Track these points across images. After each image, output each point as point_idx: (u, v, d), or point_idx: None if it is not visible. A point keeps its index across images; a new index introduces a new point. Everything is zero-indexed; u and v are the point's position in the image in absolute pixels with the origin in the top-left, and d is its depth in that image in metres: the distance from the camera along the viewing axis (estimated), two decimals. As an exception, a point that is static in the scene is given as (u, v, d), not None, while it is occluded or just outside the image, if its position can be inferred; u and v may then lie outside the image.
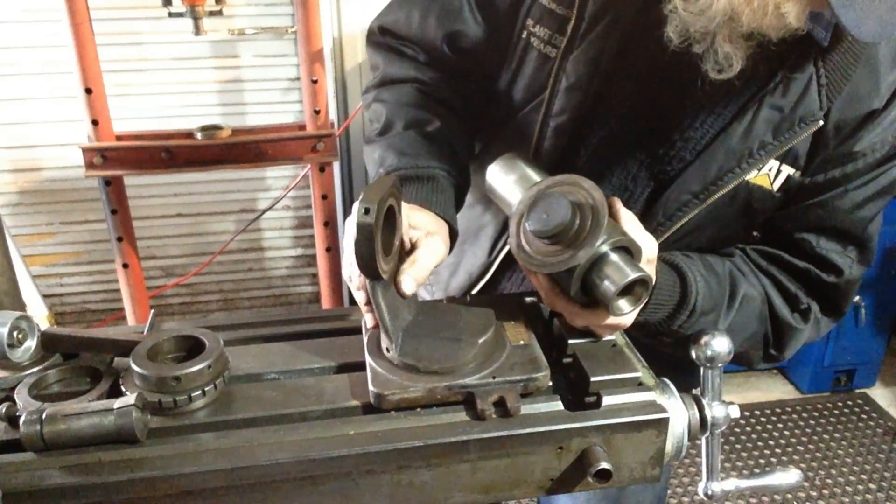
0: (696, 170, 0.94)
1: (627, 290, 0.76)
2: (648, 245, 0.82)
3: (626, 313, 0.77)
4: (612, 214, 0.81)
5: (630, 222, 0.82)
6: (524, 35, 1.01)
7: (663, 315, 0.93)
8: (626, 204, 0.96)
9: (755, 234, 1.04)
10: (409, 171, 0.98)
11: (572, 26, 0.96)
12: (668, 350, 0.97)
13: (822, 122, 0.90)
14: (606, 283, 0.75)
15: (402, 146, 1.02)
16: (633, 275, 0.74)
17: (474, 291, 1.16)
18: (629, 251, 0.78)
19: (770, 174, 0.95)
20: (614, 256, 0.76)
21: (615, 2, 0.93)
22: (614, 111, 0.98)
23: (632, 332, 0.89)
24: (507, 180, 0.94)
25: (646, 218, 0.96)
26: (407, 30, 1.11)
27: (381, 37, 1.15)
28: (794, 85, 0.89)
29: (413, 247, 0.86)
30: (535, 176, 0.92)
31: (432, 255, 0.85)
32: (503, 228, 1.11)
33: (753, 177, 0.94)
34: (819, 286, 1.01)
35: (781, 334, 1.02)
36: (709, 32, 0.81)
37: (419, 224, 0.88)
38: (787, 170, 0.94)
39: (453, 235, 0.96)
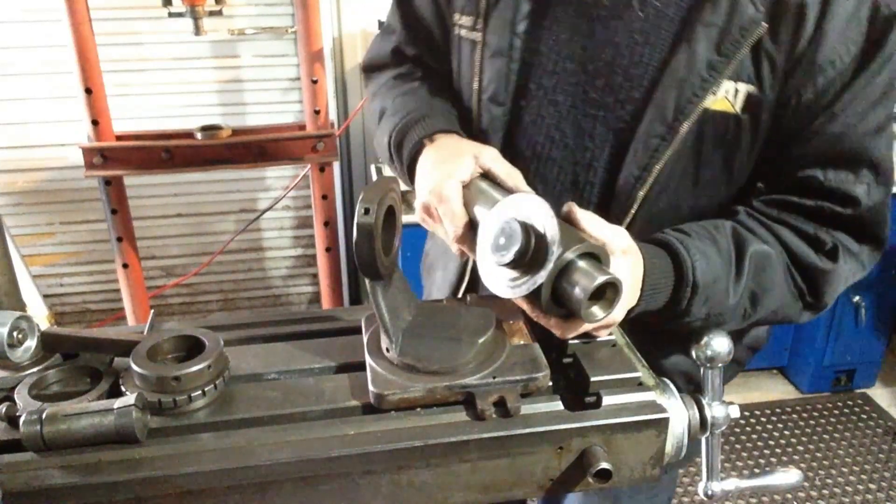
0: (653, 110, 0.91)
1: (599, 295, 0.74)
2: (617, 237, 0.80)
3: (601, 319, 0.74)
4: (571, 220, 0.79)
5: (590, 222, 0.79)
6: (454, 32, 1.06)
7: (665, 299, 0.88)
8: (593, 164, 0.97)
9: (759, 185, 0.99)
10: (415, 116, 1.03)
11: (484, 3, 0.99)
12: (697, 329, 0.92)
13: (765, 26, 0.86)
14: (576, 291, 0.73)
15: (399, 107, 1.08)
16: (598, 279, 0.71)
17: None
18: (596, 256, 0.75)
19: (729, 97, 0.90)
20: (581, 264, 0.73)
21: None
22: (545, 69, 0.98)
23: (650, 321, 0.89)
24: (474, 198, 0.90)
25: (621, 174, 0.95)
26: (370, 60, 1.26)
27: (366, 74, 1.29)
28: None
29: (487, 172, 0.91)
30: (496, 195, 0.88)
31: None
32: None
33: (713, 102, 0.90)
34: (840, 221, 0.94)
35: (813, 281, 0.94)
36: None
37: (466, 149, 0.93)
38: (744, 87, 0.89)
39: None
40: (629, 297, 0.82)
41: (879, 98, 0.90)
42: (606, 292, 0.73)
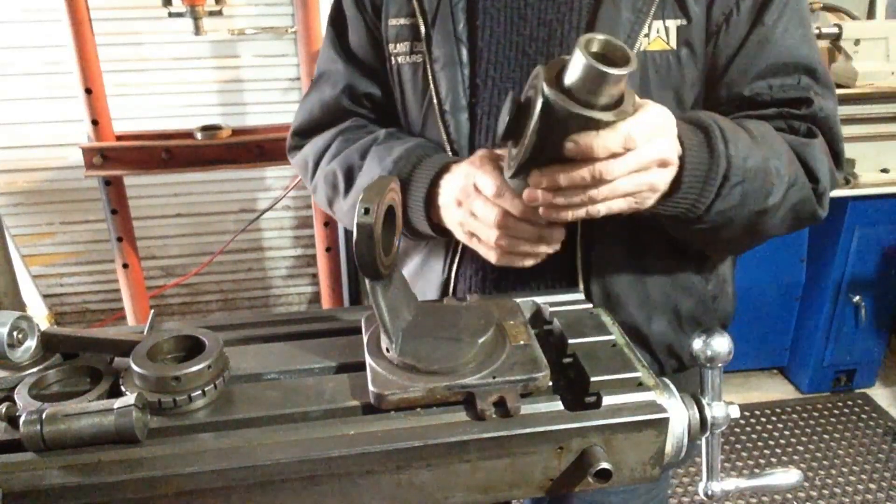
0: None
1: (606, 107, 0.73)
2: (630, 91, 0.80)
3: (619, 72, 0.70)
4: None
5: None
6: (392, 61, 1.08)
7: (705, 153, 0.87)
8: None
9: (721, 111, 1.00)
10: (411, 160, 1.01)
11: (422, 22, 1.03)
12: (751, 221, 0.94)
13: None
14: (577, 75, 0.71)
15: (378, 157, 1.05)
16: (597, 38, 0.71)
17: None
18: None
19: (661, 35, 0.95)
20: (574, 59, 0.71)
21: None
22: (490, 62, 1.02)
23: (696, 217, 0.89)
24: None
25: None
26: (312, 116, 1.19)
27: (296, 142, 1.23)
28: None
29: None
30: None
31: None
32: (451, 253, 1.10)
33: (648, 45, 0.95)
34: (800, 121, 0.99)
35: (805, 158, 0.97)
36: None
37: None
38: (673, 23, 0.95)
39: None
40: (670, 127, 0.82)
41: (796, 12, 0.97)
42: (603, 88, 0.71)
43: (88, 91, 2.17)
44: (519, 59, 1.01)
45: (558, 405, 0.75)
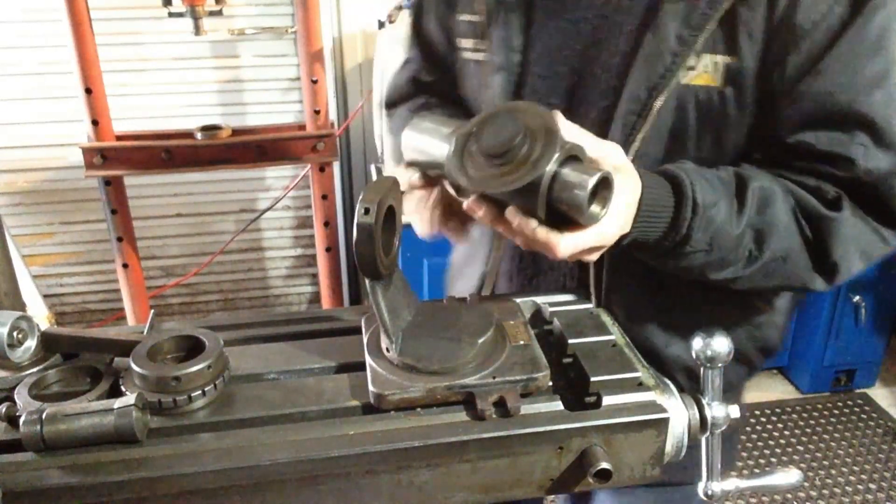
0: (628, 91, 0.92)
1: (593, 196, 0.73)
2: (612, 151, 0.79)
3: (602, 216, 0.74)
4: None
5: (578, 133, 0.78)
6: (461, 55, 1.10)
7: (664, 224, 0.84)
8: None
9: (756, 156, 0.94)
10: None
11: (483, 23, 1.03)
12: (698, 270, 0.89)
13: None
14: (575, 191, 0.72)
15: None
16: (597, 174, 0.71)
17: None
18: (579, 159, 0.75)
19: (709, 70, 0.89)
20: (568, 168, 0.73)
21: None
22: (538, 75, 1.01)
23: (648, 257, 0.87)
24: (422, 137, 0.87)
25: None
26: (392, 92, 1.26)
27: (388, 111, 1.28)
28: None
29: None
30: (451, 125, 0.84)
31: None
32: (491, 249, 1.13)
33: (692, 78, 0.89)
34: (840, 185, 0.88)
35: (818, 231, 0.88)
36: None
37: None
38: (723, 59, 0.88)
39: None
40: (623, 216, 0.80)
41: (871, 49, 0.84)
42: (599, 192, 0.73)
43: (88, 91, 2.17)
44: (567, 75, 0.99)
45: (558, 405, 0.75)
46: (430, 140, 0.84)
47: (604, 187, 0.73)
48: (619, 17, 0.94)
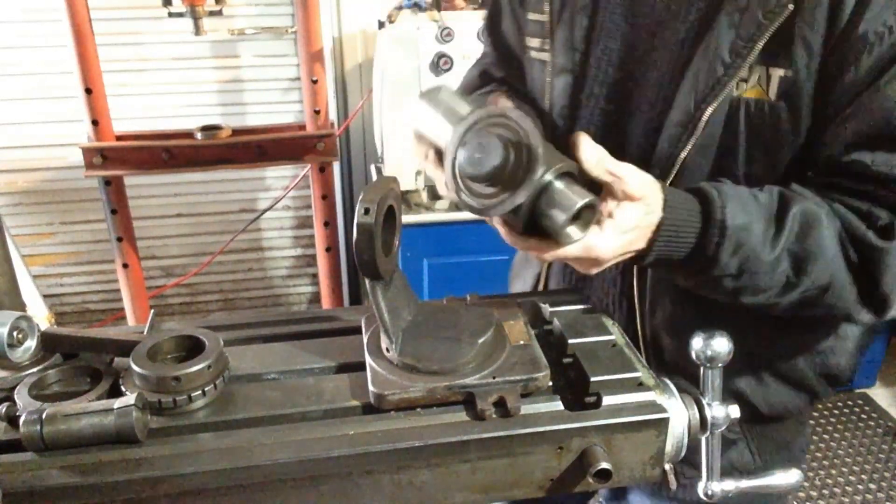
0: (679, 100, 0.89)
1: (578, 216, 0.74)
2: (629, 176, 0.78)
3: (577, 240, 0.75)
4: (573, 149, 0.78)
5: (599, 155, 0.78)
6: (527, 54, 1.10)
7: (690, 244, 0.81)
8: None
9: (809, 174, 0.90)
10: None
11: (548, 24, 1.04)
12: (730, 294, 0.85)
13: (791, 8, 0.81)
14: (554, 212, 0.73)
15: None
16: (580, 202, 0.72)
17: None
18: (573, 176, 0.76)
19: (762, 83, 0.86)
20: (559, 185, 0.74)
21: None
22: (596, 79, 1.00)
23: (677, 278, 0.87)
24: (433, 114, 0.85)
25: (651, 168, 0.92)
26: (466, 80, 1.27)
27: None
28: None
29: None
30: (462, 107, 0.83)
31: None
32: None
33: (744, 90, 0.86)
34: (894, 210, 0.83)
35: (867, 260, 0.82)
36: None
37: None
38: (778, 72, 0.84)
39: None
40: (626, 238, 0.79)
41: None
42: (583, 213, 0.74)
43: (88, 91, 2.17)
44: (623, 80, 0.98)
45: (558, 405, 0.75)
46: (441, 122, 0.83)
47: (589, 211, 0.74)
48: (675, 25, 0.91)
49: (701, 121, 0.87)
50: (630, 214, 0.78)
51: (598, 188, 0.79)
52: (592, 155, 0.78)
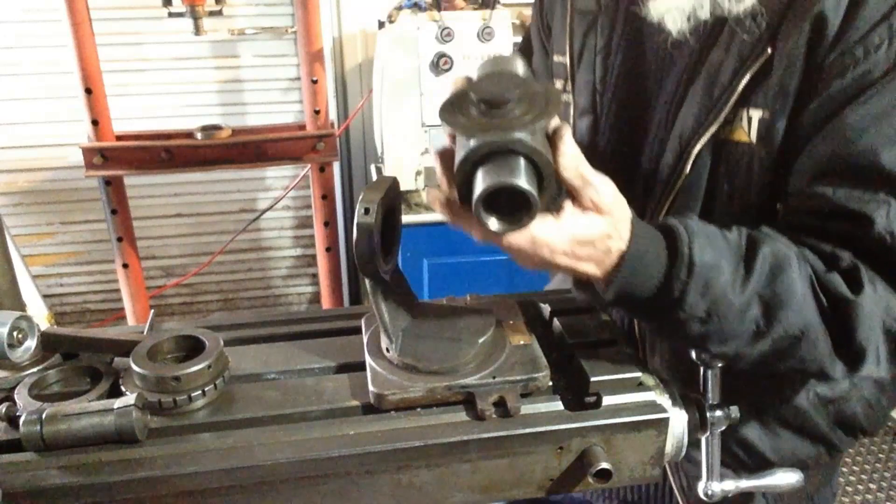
0: (670, 144, 0.91)
1: (511, 210, 0.64)
2: (599, 190, 0.70)
3: (496, 230, 0.65)
4: (553, 140, 0.68)
5: (576, 157, 0.68)
6: None
7: (655, 280, 0.74)
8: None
9: (778, 206, 0.87)
10: None
11: (569, 66, 1.06)
12: (695, 339, 0.79)
13: (769, 52, 0.81)
14: (479, 178, 0.64)
15: None
16: (511, 181, 0.61)
17: None
18: (537, 167, 0.65)
19: (744, 125, 0.85)
20: (511, 159, 0.63)
21: (590, 30, 1.02)
22: (608, 121, 1.02)
23: (639, 316, 0.86)
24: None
25: (645, 210, 0.95)
26: None
27: None
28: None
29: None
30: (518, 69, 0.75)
31: None
32: None
33: (729, 132, 0.86)
34: (857, 245, 0.79)
35: (840, 312, 0.77)
36: None
37: None
38: (756, 113, 0.83)
39: None
40: (582, 252, 0.71)
41: None
42: (520, 215, 0.65)
43: (88, 91, 2.16)
44: (629, 124, 0.99)
45: (558, 405, 0.75)
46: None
47: (526, 212, 0.65)
48: (673, 69, 0.94)
49: (689, 161, 0.88)
50: (593, 225, 0.71)
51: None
52: (571, 154, 0.68)
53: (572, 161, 0.68)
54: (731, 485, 0.84)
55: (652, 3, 0.88)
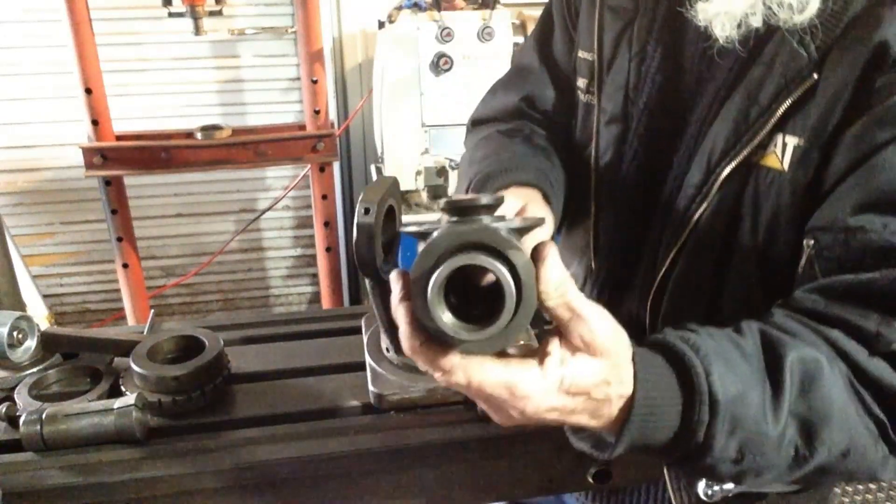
0: (698, 159, 0.86)
1: (484, 316, 0.52)
2: (600, 321, 0.57)
3: (451, 332, 0.52)
4: (536, 258, 0.55)
5: (558, 276, 0.55)
6: (577, 93, 1.04)
7: (673, 425, 0.62)
8: (653, 225, 0.90)
9: (805, 242, 0.77)
10: (494, 169, 0.93)
11: (596, 66, 0.97)
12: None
13: (815, 77, 0.75)
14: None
15: (483, 158, 1.00)
16: (479, 261, 0.49)
17: None
18: (516, 276, 0.52)
19: (777, 151, 0.79)
20: (482, 255, 0.51)
21: (624, 31, 0.95)
22: (637, 132, 0.95)
23: (666, 472, 0.72)
24: None
25: (664, 233, 0.89)
26: (489, 111, 1.15)
27: (472, 128, 1.18)
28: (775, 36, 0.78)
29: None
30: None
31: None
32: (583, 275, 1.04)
33: (762, 157, 0.80)
34: None
35: (887, 404, 0.67)
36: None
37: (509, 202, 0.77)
38: (791, 140, 0.77)
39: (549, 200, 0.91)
40: (571, 405, 0.59)
41: None
42: (495, 312, 0.51)
43: (88, 91, 2.17)
44: (661, 135, 0.92)
45: (558, 405, 0.75)
46: None
47: (498, 308, 0.51)
48: (709, 83, 0.87)
49: (716, 183, 0.82)
50: (587, 370, 0.58)
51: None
52: (557, 278, 0.55)
53: (558, 287, 0.55)
54: (731, 485, 0.84)
55: (701, 5, 0.79)
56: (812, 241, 0.74)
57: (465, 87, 2.24)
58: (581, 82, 1.02)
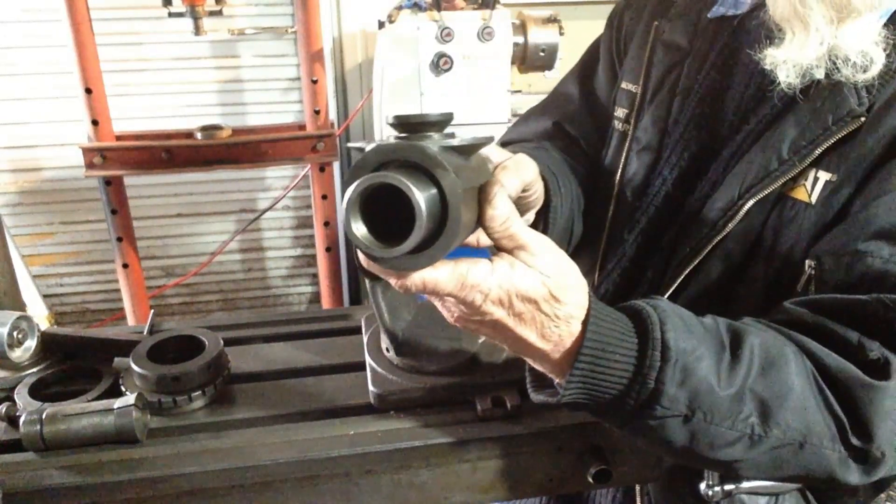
0: (725, 186, 0.86)
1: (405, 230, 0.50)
2: (544, 251, 0.60)
3: (364, 244, 0.52)
4: (483, 195, 0.58)
5: (505, 210, 0.58)
6: (613, 122, 1.07)
7: (625, 371, 0.63)
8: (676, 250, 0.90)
9: (807, 263, 0.79)
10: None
11: (639, 97, 1.00)
12: (703, 463, 0.71)
13: (863, 120, 0.77)
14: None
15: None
16: (389, 179, 0.48)
17: None
18: (442, 194, 0.52)
19: (808, 184, 0.80)
20: (409, 171, 0.51)
21: (673, 67, 0.97)
22: (669, 162, 0.96)
23: (614, 427, 0.67)
24: None
25: (679, 250, 0.90)
26: (517, 136, 1.17)
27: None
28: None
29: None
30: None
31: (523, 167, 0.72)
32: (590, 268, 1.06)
33: (792, 189, 0.81)
34: (882, 338, 0.68)
35: (855, 402, 0.66)
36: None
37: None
38: (824, 175, 0.79)
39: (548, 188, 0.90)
40: (517, 309, 0.60)
41: None
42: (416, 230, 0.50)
43: (88, 91, 2.16)
44: (690, 167, 0.93)
45: (558, 405, 0.75)
46: None
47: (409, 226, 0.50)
48: (749, 117, 0.88)
49: (741, 211, 0.83)
50: (532, 280, 0.59)
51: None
52: (501, 210, 0.58)
53: (500, 216, 0.58)
54: (731, 485, 0.84)
55: (771, 51, 0.80)
56: (814, 263, 0.76)
57: (466, 88, 2.24)
58: (620, 112, 1.05)
